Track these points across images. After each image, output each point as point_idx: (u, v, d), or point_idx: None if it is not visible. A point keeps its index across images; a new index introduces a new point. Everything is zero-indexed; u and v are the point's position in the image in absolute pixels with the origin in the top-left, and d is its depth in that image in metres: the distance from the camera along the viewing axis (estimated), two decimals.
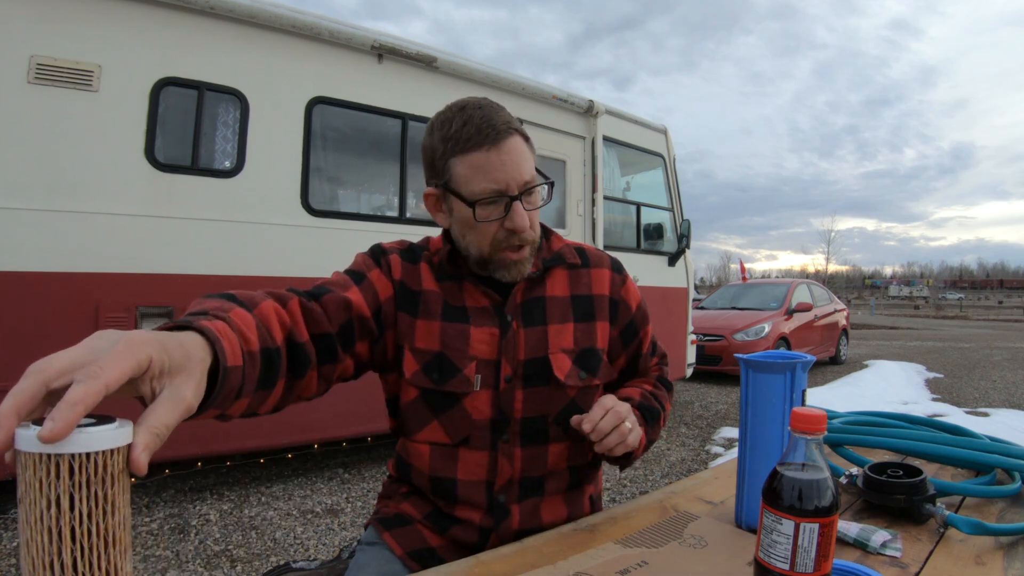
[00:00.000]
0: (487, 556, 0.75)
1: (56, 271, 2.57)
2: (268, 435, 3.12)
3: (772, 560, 0.58)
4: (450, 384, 0.87)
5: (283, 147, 3.17)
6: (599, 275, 0.98)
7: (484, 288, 0.90)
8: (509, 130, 0.83)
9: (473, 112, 0.83)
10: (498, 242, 0.85)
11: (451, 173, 0.84)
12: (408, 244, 0.96)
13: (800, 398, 0.79)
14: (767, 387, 0.79)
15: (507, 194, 0.83)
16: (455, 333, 0.88)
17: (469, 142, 0.81)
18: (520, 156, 0.83)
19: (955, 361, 9.47)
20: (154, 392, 0.51)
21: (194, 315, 0.61)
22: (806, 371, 0.80)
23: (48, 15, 2.56)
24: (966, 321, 26.53)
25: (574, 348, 0.92)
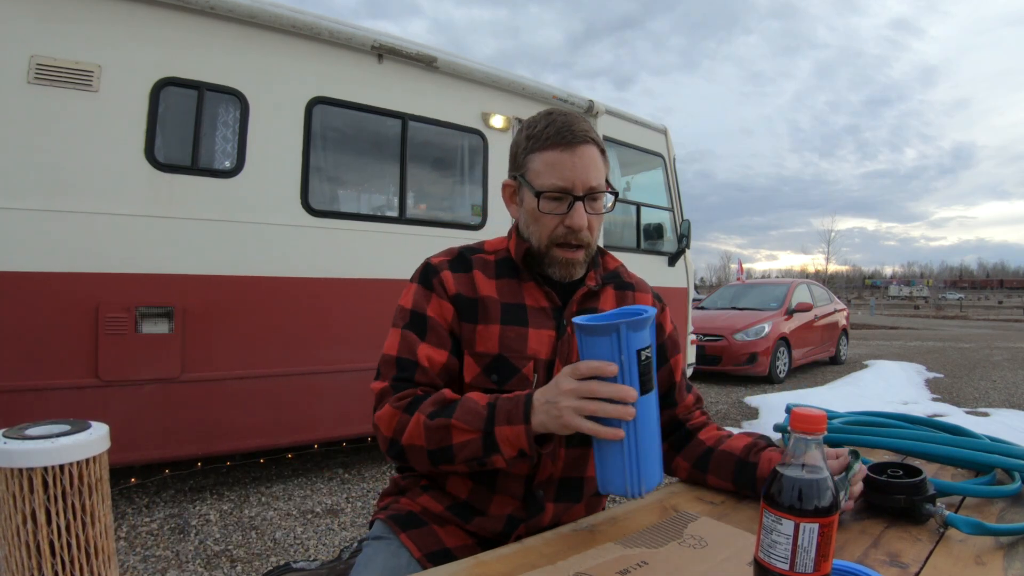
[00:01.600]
0: (487, 556, 0.75)
1: (56, 271, 2.57)
2: (268, 435, 3.12)
3: (772, 560, 0.58)
4: (510, 384, 0.91)
5: (283, 147, 3.17)
6: (643, 299, 1.06)
7: (547, 290, 0.96)
8: (586, 138, 0.92)
9: (557, 117, 0.93)
10: (556, 237, 0.93)
11: (527, 167, 0.93)
12: (457, 252, 1.00)
13: (634, 359, 0.73)
14: (596, 350, 0.75)
15: (572, 193, 0.91)
16: (514, 335, 0.93)
17: (548, 141, 0.91)
18: (591, 162, 0.92)
19: (955, 361, 9.47)
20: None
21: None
22: (640, 329, 0.74)
23: (48, 15, 2.56)
24: (966, 321, 26.53)
25: None
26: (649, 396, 0.75)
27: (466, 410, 0.82)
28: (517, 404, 0.80)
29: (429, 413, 0.84)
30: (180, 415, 2.85)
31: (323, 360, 3.24)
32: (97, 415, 1.94)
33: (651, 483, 0.76)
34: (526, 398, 0.80)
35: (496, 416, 0.80)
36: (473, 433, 0.81)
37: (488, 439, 0.80)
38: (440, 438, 0.83)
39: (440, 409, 0.84)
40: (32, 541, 0.38)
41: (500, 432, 0.79)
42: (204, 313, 2.91)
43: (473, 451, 0.81)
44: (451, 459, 0.83)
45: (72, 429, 0.46)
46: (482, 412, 0.81)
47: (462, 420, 0.81)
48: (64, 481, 0.41)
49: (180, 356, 2.84)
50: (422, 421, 0.83)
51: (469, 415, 0.81)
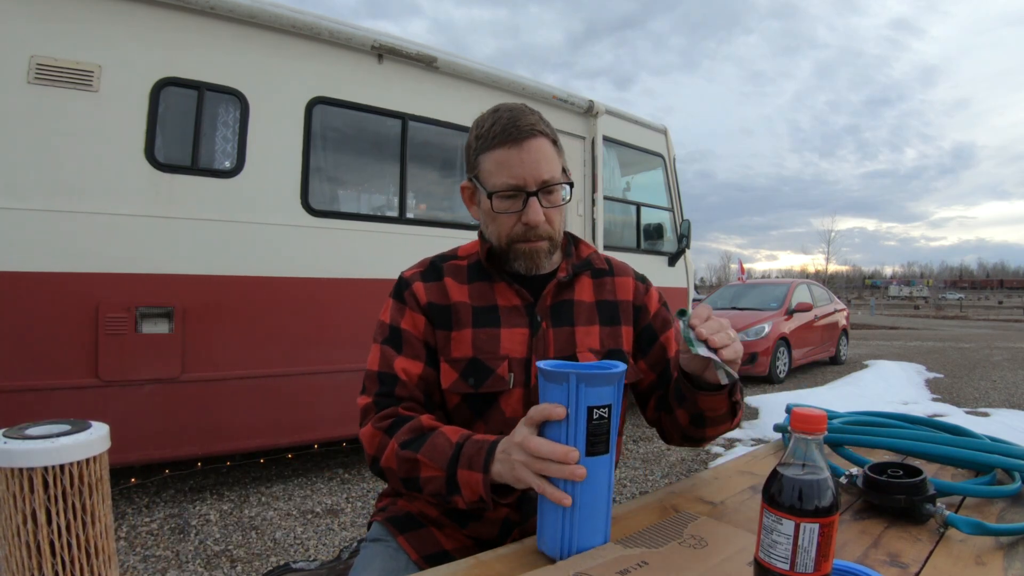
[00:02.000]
0: (487, 556, 0.75)
1: (56, 271, 2.57)
2: (268, 435, 3.12)
3: (772, 560, 0.58)
4: (486, 385, 0.91)
5: (283, 147, 3.17)
6: (623, 283, 1.03)
7: (517, 287, 0.95)
8: (533, 131, 0.89)
9: (503, 113, 0.91)
10: (515, 235, 0.92)
11: (480, 167, 0.93)
12: (429, 262, 1.00)
13: (583, 415, 0.67)
14: (548, 396, 0.70)
15: (524, 189, 0.90)
16: (486, 337, 0.92)
17: (495, 139, 0.89)
18: (541, 156, 0.90)
19: (955, 361, 9.47)
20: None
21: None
22: (598, 385, 0.67)
23: (48, 15, 2.56)
24: (966, 321, 26.53)
25: (600, 349, 0.96)
26: (597, 459, 0.69)
27: (433, 446, 0.82)
28: (480, 450, 0.78)
29: (402, 442, 0.84)
30: (180, 415, 2.85)
31: (323, 360, 3.24)
32: (97, 415, 1.94)
33: (582, 546, 0.71)
34: (490, 445, 0.78)
35: (460, 458, 0.79)
36: (438, 471, 0.80)
37: (451, 480, 0.79)
38: (409, 469, 0.83)
39: (413, 440, 0.84)
40: (32, 541, 0.38)
41: (461, 475, 0.78)
42: (204, 313, 2.91)
43: (437, 487, 0.81)
44: (419, 490, 0.84)
45: (72, 429, 0.46)
46: (448, 452, 0.80)
47: (428, 456, 0.81)
48: (64, 481, 0.41)
49: (180, 356, 2.84)
50: (395, 449, 0.84)
51: (435, 452, 0.81)
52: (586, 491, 0.70)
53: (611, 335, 0.98)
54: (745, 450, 4.13)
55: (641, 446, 4.33)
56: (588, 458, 0.69)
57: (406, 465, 0.83)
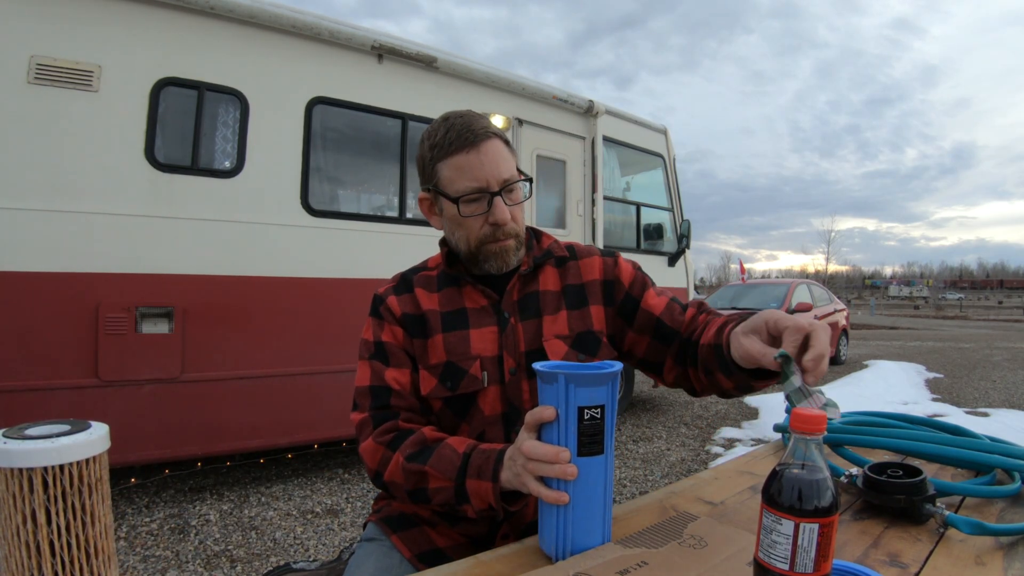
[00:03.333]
0: (487, 556, 0.75)
1: (56, 271, 2.57)
2: (268, 435, 3.12)
3: (772, 560, 0.58)
4: (462, 386, 0.92)
5: (283, 147, 3.17)
6: (588, 263, 1.02)
7: (482, 288, 0.96)
8: (487, 134, 0.91)
9: (455, 121, 0.92)
10: (484, 236, 0.93)
11: (438, 176, 0.93)
12: (400, 276, 1.03)
13: (574, 416, 0.68)
14: (543, 396, 0.71)
15: (488, 191, 0.91)
16: (456, 340, 0.94)
17: (451, 146, 0.90)
18: (498, 156, 0.91)
19: (955, 361, 9.47)
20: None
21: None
22: (588, 385, 0.67)
23: (48, 15, 2.56)
24: (966, 321, 26.52)
25: (569, 334, 0.96)
26: (591, 460, 0.69)
27: (440, 458, 0.83)
28: (488, 459, 0.80)
29: (408, 455, 0.85)
30: (180, 415, 2.84)
31: (323, 360, 3.24)
32: (97, 415, 1.94)
33: (579, 547, 0.71)
34: (498, 454, 0.80)
35: (468, 468, 0.81)
36: (446, 482, 0.82)
37: (460, 490, 0.81)
38: (416, 481, 0.85)
39: (418, 452, 0.85)
40: (32, 541, 0.38)
41: (470, 485, 0.80)
42: (204, 313, 2.91)
43: (446, 498, 0.83)
44: (427, 501, 0.85)
45: (72, 429, 0.46)
46: (456, 462, 0.82)
47: (436, 468, 0.83)
48: (64, 481, 0.41)
49: (180, 356, 2.84)
50: (400, 462, 0.85)
51: (443, 463, 0.83)
52: (580, 491, 0.70)
53: (579, 318, 0.98)
54: (745, 450, 4.13)
55: (641, 446, 4.33)
56: (581, 458, 0.69)
57: (413, 478, 0.84)
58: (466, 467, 0.81)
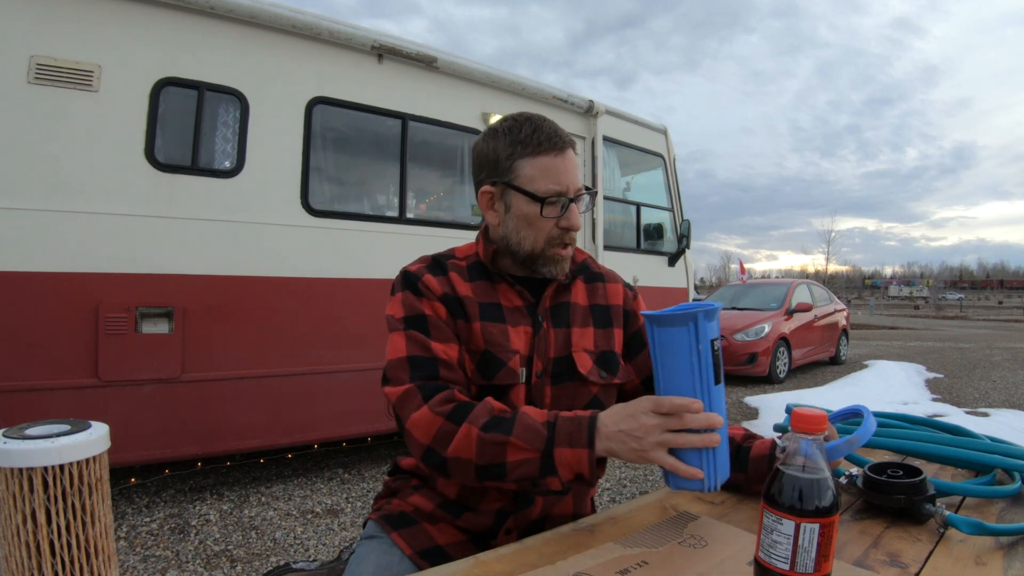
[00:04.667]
0: (487, 556, 0.75)
1: (56, 271, 2.57)
2: (268, 435, 3.12)
3: (772, 560, 0.58)
4: (497, 378, 0.92)
5: (283, 147, 3.17)
6: (614, 288, 1.07)
7: (520, 289, 0.98)
8: (570, 142, 0.95)
9: (540, 123, 0.94)
10: (551, 239, 0.95)
11: (517, 172, 0.93)
12: (431, 258, 1.01)
13: (708, 349, 0.74)
14: (671, 340, 0.75)
15: (566, 195, 0.93)
16: (495, 331, 0.94)
17: (540, 146, 0.92)
18: (576, 166, 0.96)
19: (955, 361, 9.47)
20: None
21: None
22: (713, 319, 0.75)
23: (48, 15, 2.56)
24: (966, 321, 26.52)
25: (594, 350, 0.99)
26: (720, 387, 0.76)
27: (524, 427, 0.79)
28: (580, 426, 0.78)
29: (482, 425, 0.80)
30: (180, 415, 2.84)
31: (323, 360, 3.24)
32: (97, 415, 1.94)
33: (724, 476, 0.76)
34: (589, 421, 0.78)
35: (556, 437, 0.78)
36: (531, 452, 0.78)
37: (546, 460, 0.78)
38: (493, 454, 0.79)
39: (496, 422, 0.80)
40: (32, 541, 0.38)
41: (560, 454, 0.77)
42: (204, 313, 2.90)
43: (528, 471, 0.79)
44: (501, 476, 0.80)
45: (72, 429, 0.46)
46: (542, 431, 0.79)
47: (521, 438, 0.78)
48: (64, 481, 0.41)
49: (180, 356, 2.84)
50: (475, 434, 0.80)
51: (528, 432, 0.79)
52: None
53: (604, 337, 1.02)
54: None
55: None
56: (715, 387, 0.75)
57: (491, 450, 0.79)
58: (554, 435, 0.78)
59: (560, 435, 0.78)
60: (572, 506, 0.98)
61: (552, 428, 0.79)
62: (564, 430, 0.78)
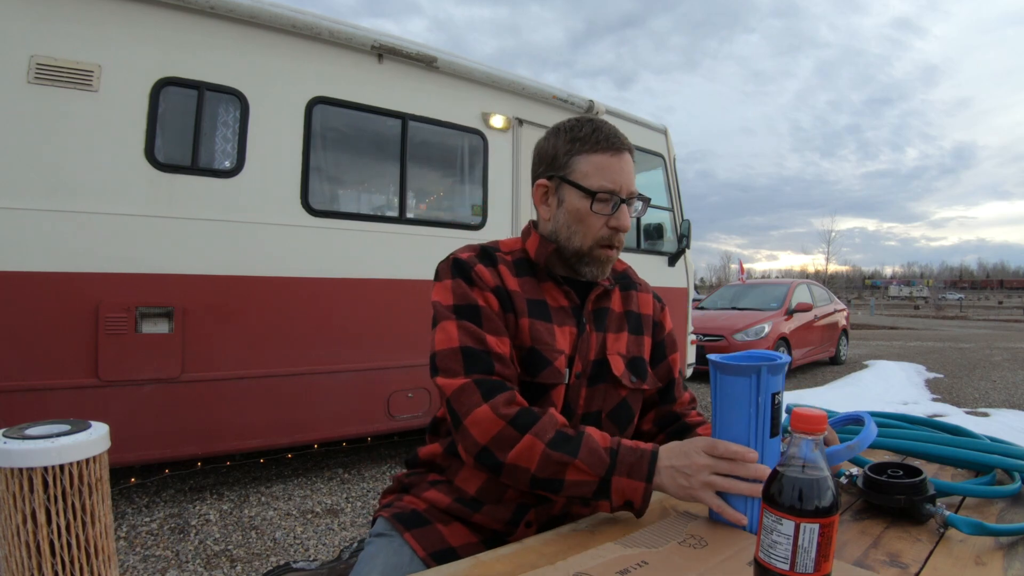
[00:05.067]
0: (487, 556, 0.75)
1: (56, 271, 2.57)
2: (268, 435, 3.12)
3: (772, 560, 0.58)
4: (541, 376, 0.92)
5: (283, 147, 3.17)
6: (646, 298, 1.11)
7: (567, 289, 0.99)
8: (629, 146, 0.98)
9: (600, 124, 0.98)
10: (600, 238, 0.96)
11: (573, 168, 0.96)
12: (480, 248, 1.00)
13: (768, 402, 0.76)
14: (732, 389, 0.77)
15: (619, 195, 0.95)
16: (543, 329, 0.94)
17: (598, 144, 0.95)
18: (632, 169, 0.98)
19: (955, 361, 9.47)
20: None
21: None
22: (778, 374, 0.76)
23: (48, 15, 2.56)
24: (966, 321, 26.51)
25: (626, 355, 1.01)
26: (776, 440, 0.78)
27: (589, 451, 0.81)
28: (642, 459, 0.81)
29: (549, 441, 0.81)
30: (180, 415, 2.84)
31: (323, 360, 3.24)
32: (97, 415, 1.94)
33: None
34: (651, 455, 0.81)
35: (617, 466, 0.81)
36: (591, 476, 0.80)
37: (603, 486, 0.81)
38: (555, 471, 0.81)
39: (564, 441, 0.81)
40: (32, 541, 0.38)
41: (617, 482, 0.80)
42: (204, 313, 2.90)
43: (583, 492, 0.82)
44: (555, 491, 0.83)
45: (72, 429, 0.46)
46: (605, 459, 0.81)
47: (585, 462, 0.80)
48: (64, 481, 0.41)
49: (180, 356, 2.84)
50: (541, 449, 0.81)
51: (592, 457, 0.80)
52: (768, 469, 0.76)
53: (636, 343, 1.04)
54: None
55: None
56: (771, 440, 0.77)
57: (553, 467, 0.81)
58: (615, 464, 0.80)
59: (621, 465, 0.81)
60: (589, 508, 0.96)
61: (614, 456, 0.81)
62: (625, 460, 0.81)
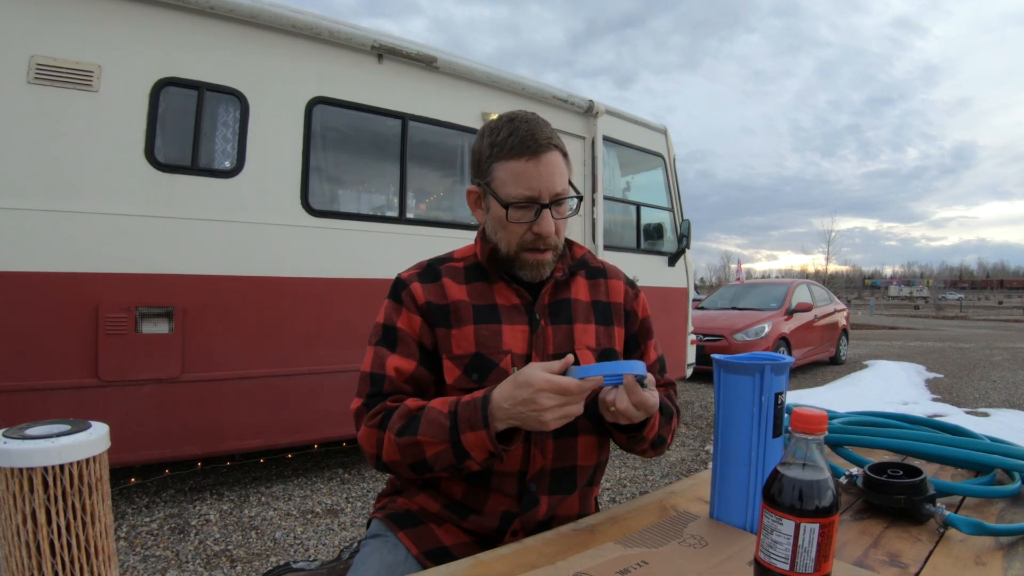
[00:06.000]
0: (487, 556, 0.75)
1: (56, 271, 2.57)
2: (268, 435, 3.12)
3: (772, 560, 0.58)
4: (489, 379, 0.92)
5: (283, 147, 3.17)
6: (616, 285, 1.07)
7: (516, 287, 0.98)
8: (549, 145, 0.93)
9: (520, 124, 0.93)
10: (524, 243, 0.95)
11: (492, 175, 0.94)
12: (426, 264, 1.02)
13: (771, 401, 0.77)
14: (735, 388, 0.79)
15: (538, 201, 0.92)
16: (488, 333, 0.94)
17: (512, 151, 0.91)
18: (555, 169, 0.93)
19: (955, 361, 9.47)
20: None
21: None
22: (781, 374, 0.77)
23: (48, 15, 2.56)
24: (966, 321, 26.51)
25: (596, 347, 0.99)
26: (778, 440, 0.79)
27: (430, 422, 0.84)
28: (475, 410, 0.82)
29: (397, 430, 0.86)
30: (180, 415, 2.84)
31: (323, 360, 3.24)
32: (97, 415, 1.93)
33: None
34: (482, 402, 0.82)
35: (459, 424, 0.82)
36: (442, 444, 0.83)
37: (457, 447, 0.83)
38: (414, 454, 0.85)
39: (407, 424, 0.86)
40: (32, 541, 0.38)
41: (466, 440, 0.82)
42: (204, 313, 2.90)
43: (447, 460, 0.84)
44: (431, 469, 0.86)
45: (72, 429, 0.46)
46: (445, 423, 0.83)
47: (428, 434, 0.84)
48: (64, 481, 0.41)
49: (180, 356, 2.84)
50: (392, 439, 0.86)
51: (434, 427, 0.84)
52: (769, 468, 0.75)
53: (606, 334, 1.02)
54: None
55: None
56: (773, 440, 0.78)
57: (410, 451, 0.85)
58: (456, 424, 0.82)
59: (462, 422, 0.82)
60: (578, 506, 0.98)
61: (454, 417, 0.83)
62: (464, 416, 0.83)
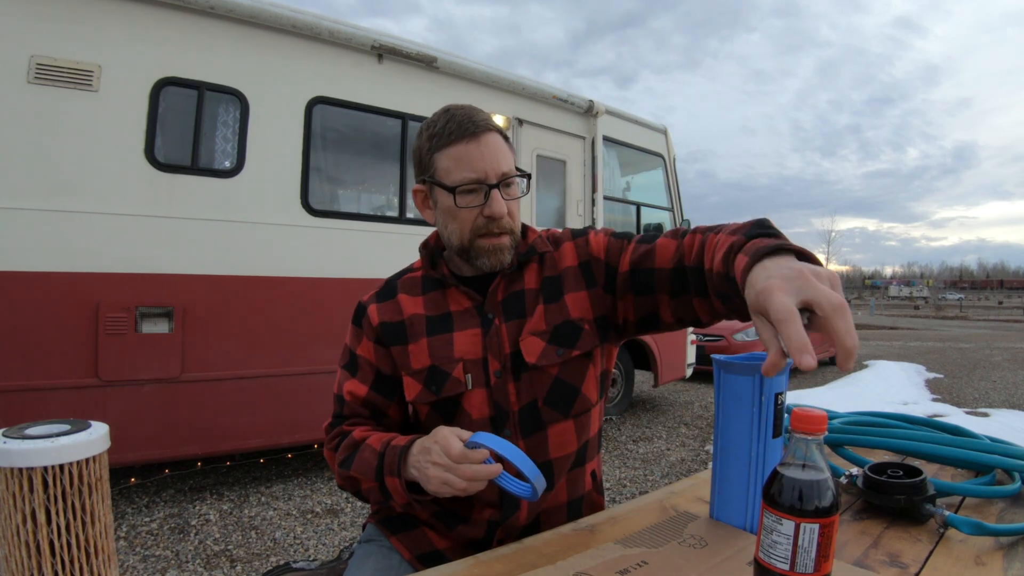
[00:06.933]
0: (487, 556, 0.75)
1: (56, 271, 2.57)
2: (268, 435, 3.12)
3: (772, 560, 0.58)
4: (445, 390, 0.91)
5: (283, 147, 3.17)
6: (562, 252, 0.98)
7: (465, 290, 0.95)
8: (488, 126, 0.90)
9: (455, 112, 0.91)
10: (478, 228, 0.91)
11: (435, 167, 0.91)
12: (384, 283, 1.03)
13: (771, 401, 0.76)
14: (735, 388, 0.78)
15: (485, 183, 0.89)
16: (439, 343, 0.93)
17: (451, 136, 0.89)
18: (497, 149, 0.90)
19: (955, 361, 9.47)
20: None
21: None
22: (781, 374, 0.76)
23: (48, 15, 2.56)
24: (966, 321, 26.51)
25: (546, 328, 0.92)
26: (778, 440, 0.79)
27: (362, 460, 0.88)
28: (395, 455, 0.84)
29: (340, 461, 0.92)
30: (180, 415, 2.85)
31: (323, 360, 3.24)
32: (97, 415, 1.93)
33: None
34: (402, 450, 0.84)
35: (384, 466, 0.85)
36: (371, 482, 0.87)
37: (383, 488, 0.86)
38: (353, 484, 0.91)
39: (347, 457, 0.91)
40: (32, 541, 0.38)
41: (388, 482, 0.85)
42: (204, 313, 2.90)
43: (378, 496, 0.88)
44: (369, 501, 0.93)
45: (72, 429, 0.46)
46: (373, 463, 0.87)
47: (359, 471, 0.88)
48: (64, 481, 0.41)
49: (180, 356, 2.84)
50: (337, 469, 0.92)
51: (364, 465, 0.87)
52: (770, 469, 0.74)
53: (555, 310, 0.93)
54: None
55: (641, 446, 4.33)
56: (773, 440, 0.77)
57: (349, 482, 0.91)
58: (382, 466, 0.85)
59: (386, 465, 0.85)
60: (566, 493, 0.94)
61: (381, 458, 0.86)
62: (387, 459, 0.85)
